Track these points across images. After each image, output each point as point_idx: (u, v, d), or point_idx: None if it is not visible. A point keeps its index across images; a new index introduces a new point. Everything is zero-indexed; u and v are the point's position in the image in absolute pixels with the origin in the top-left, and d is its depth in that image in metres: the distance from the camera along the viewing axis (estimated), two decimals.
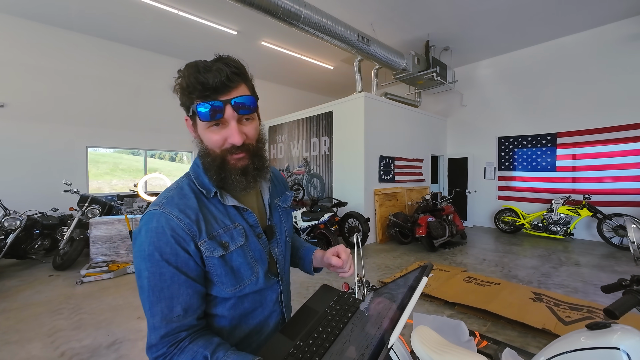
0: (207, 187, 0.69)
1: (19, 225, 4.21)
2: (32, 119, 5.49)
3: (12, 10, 5.18)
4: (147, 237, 0.61)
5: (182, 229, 0.62)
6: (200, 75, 0.60)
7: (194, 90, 0.61)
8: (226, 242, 0.67)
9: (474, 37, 6.21)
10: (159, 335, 0.60)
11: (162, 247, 0.60)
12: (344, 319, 0.68)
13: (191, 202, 0.66)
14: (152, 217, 0.62)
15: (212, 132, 0.64)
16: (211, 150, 0.66)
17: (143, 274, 0.60)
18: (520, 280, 3.61)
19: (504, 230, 6.50)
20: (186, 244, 0.62)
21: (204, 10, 5.24)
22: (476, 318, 2.69)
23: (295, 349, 0.62)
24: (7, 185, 5.05)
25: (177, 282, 0.61)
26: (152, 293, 0.60)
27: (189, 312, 0.62)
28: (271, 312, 0.77)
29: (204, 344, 0.60)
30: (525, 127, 6.66)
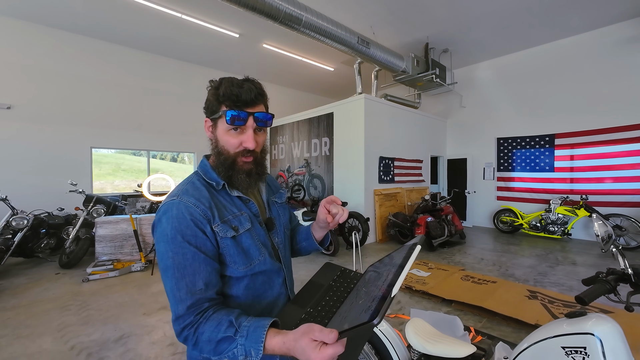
0: (215, 180, 0.81)
1: (26, 224, 4.30)
2: (38, 120, 5.59)
3: (17, 14, 5.28)
4: (169, 223, 0.70)
5: (199, 213, 0.72)
6: (235, 88, 0.75)
7: (228, 99, 0.75)
8: (236, 226, 0.78)
9: (473, 39, 6.29)
10: (185, 306, 0.67)
11: (184, 230, 0.70)
12: (347, 289, 0.75)
13: (204, 193, 0.77)
14: (171, 206, 0.72)
15: (231, 135, 0.77)
16: (225, 151, 0.79)
17: (167, 254, 0.69)
18: (517, 279, 3.68)
19: (502, 230, 6.57)
20: (203, 226, 0.72)
21: (206, 13, 5.33)
22: (472, 315, 2.76)
23: (306, 315, 0.70)
24: (14, 185, 5.15)
25: (198, 260, 0.70)
26: (177, 270, 0.68)
27: (209, 286, 0.70)
28: (279, 293, 0.86)
29: (227, 312, 0.69)
30: (524, 128, 6.73)
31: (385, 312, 0.50)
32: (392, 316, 2.74)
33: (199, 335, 0.66)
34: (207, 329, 0.65)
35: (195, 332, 0.66)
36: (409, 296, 3.22)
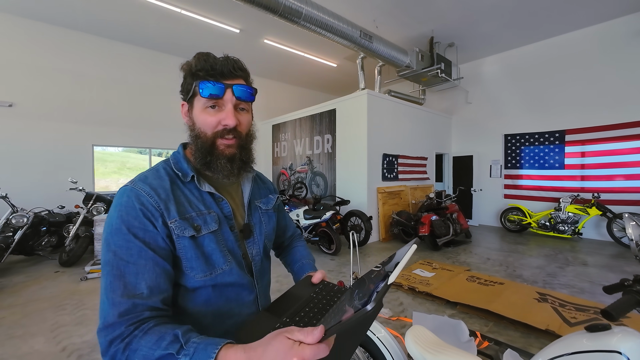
0: (184, 171, 0.70)
1: (26, 222, 4.28)
2: (39, 118, 5.58)
3: (19, 11, 5.25)
4: (116, 212, 0.60)
5: (151, 204, 0.62)
6: (210, 59, 0.67)
7: (201, 70, 0.66)
8: (198, 225, 0.66)
9: (480, 33, 6.10)
10: (117, 312, 0.52)
11: (131, 221, 0.59)
12: (330, 302, 0.65)
13: (164, 183, 0.66)
14: (123, 193, 0.63)
15: (208, 113, 0.67)
16: (202, 133, 0.68)
17: (110, 247, 0.58)
18: (525, 280, 3.54)
19: (510, 229, 6.39)
20: (154, 219, 0.61)
21: (206, 8, 5.25)
22: (478, 318, 2.64)
23: (281, 325, 0.59)
24: (14, 183, 5.14)
25: (144, 257, 0.58)
26: (116, 267, 0.56)
27: (154, 292, 0.57)
28: (248, 314, 0.73)
29: (172, 326, 0.53)
30: (533, 125, 6.52)
31: (381, 298, 0.41)
32: (394, 319, 2.63)
33: (131, 354, 0.50)
34: (143, 344, 0.50)
35: (126, 348, 0.50)
36: (411, 297, 3.11)
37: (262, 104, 8.90)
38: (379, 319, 2.62)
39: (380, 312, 2.73)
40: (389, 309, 2.82)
